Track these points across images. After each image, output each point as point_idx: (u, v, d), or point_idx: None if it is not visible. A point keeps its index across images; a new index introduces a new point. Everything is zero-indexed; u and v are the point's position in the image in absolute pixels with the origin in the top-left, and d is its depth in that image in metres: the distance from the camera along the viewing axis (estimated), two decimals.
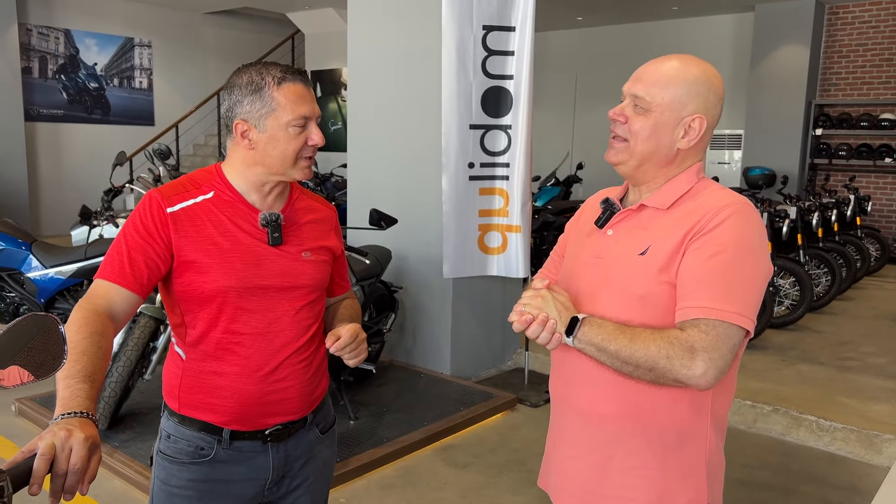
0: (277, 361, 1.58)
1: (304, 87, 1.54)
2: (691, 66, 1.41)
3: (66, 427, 1.14)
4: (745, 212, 1.36)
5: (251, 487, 1.62)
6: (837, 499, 3.33)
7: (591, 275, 1.47)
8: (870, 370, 4.95)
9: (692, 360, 1.27)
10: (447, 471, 3.50)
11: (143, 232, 1.51)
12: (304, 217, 1.67)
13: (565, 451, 1.53)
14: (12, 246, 4.67)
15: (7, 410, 4.07)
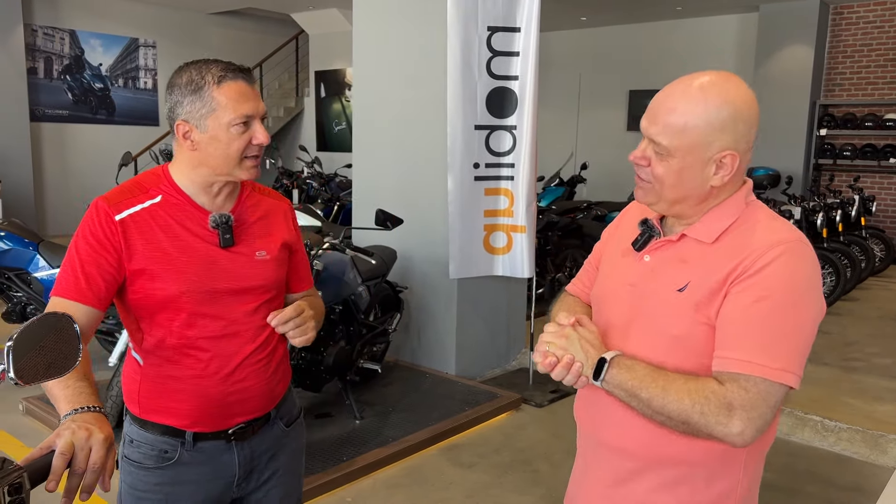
0: (236, 363, 1.57)
1: (245, 85, 1.50)
2: (712, 96, 1.23)
3: (86, 426, 1.15)
4: (797, 251, 1.22)
5: (219, 486, 1.62)
6: (842, 499, 3.33)
7: (623, 305, 1.37)
8: (875, 371, 4.95)
9: (729, 419, 1.17)
10: (453, 470, 3.51)
11: (93, 243, 1.48)
12: (255, 214, 1.64)
13: (588, 481, 1.47)
14: (19, 246, 4.69)
15: (14, 409, 4.09)
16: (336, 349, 3.73)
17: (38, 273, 4.68)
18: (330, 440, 3.60)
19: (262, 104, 1.54)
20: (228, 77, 1.48)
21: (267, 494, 1.70)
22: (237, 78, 1.49)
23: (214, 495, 1.62)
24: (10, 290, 4.79)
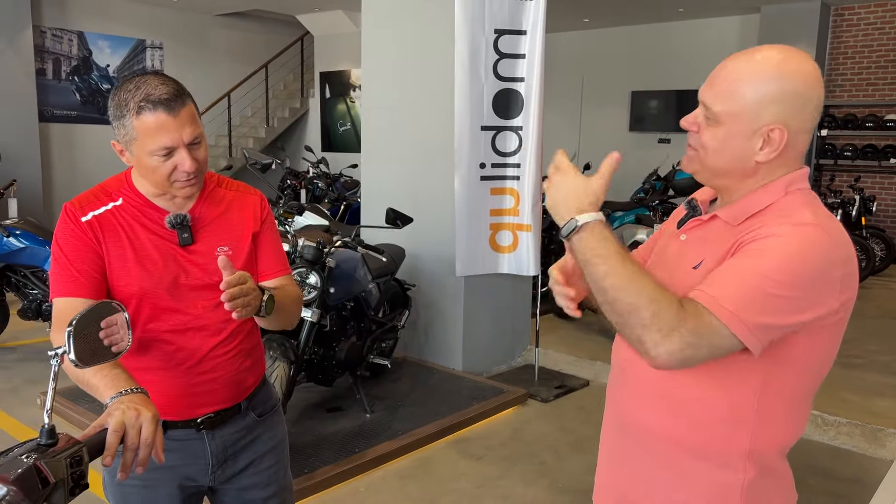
0: (201, 355, 1.62)
1: (165, 115, 1.46)
2: (769, 66, 1.20)
3: (134, 406, 1.24)
4: (810, 235, 1.16)
5: (194, 471, 1.68)
6: (842, 491, 3.42)
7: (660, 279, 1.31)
8: (874, 367, 5.03)
9: (666, 336, 1.13)
10: (462, 462, 3.60)
11: (74, 242, 1.55)
12: (217, 210, 1.67)
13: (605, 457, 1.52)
14: (35, 244, 4.79)
15: (33, 404, 4.19)
16: (347, 344, 3.82)
17: None
18: (342, 433, 3.70)
19: (189, 130, 1.50)
20: (147, 108, 1.46)
21: (246, 485, 1.75)
22: (157, 109, 1.46)
23: (191, 481, 1.69)
24: (26, 287, 4.90)
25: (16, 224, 4.84)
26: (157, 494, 1.65)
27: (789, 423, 1.33)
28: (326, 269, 3.62)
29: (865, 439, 3.89)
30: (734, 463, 1.30)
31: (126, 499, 1.66)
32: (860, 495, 3.29)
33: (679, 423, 1.32)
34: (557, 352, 5.19)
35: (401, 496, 3.27)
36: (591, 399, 4.50)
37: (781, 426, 1.31)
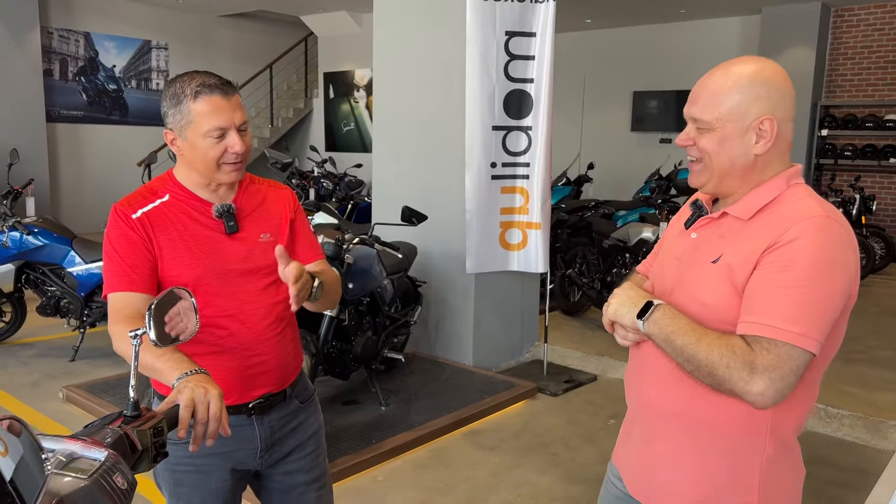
0: (251, 339, 1.71)
1: (221, 99, 1.61)
2: (741, 70, 1.37)
3: (201, 385, 1.34)
4: (825, 226, 1.30)
5: (244, 456, 1.76)
6: (845, 480, 3.52)
7: (669, 276, 1.50)
8: (876, 363, 5.14)
9: (751, 376, 1.26)
10: (476, 453, 3.71)
11: (126, 240, 1.64)
12: (254, 200, 1.78)
13: (629, 436, 1.63)
14: (54, 242, 4.89)
15: (54, 397, 4.29)
16: (364, 339, 3.92)
17: (73, 268, 4.87)
18: (359, 425, 3.80)
19: (240, 114, 1.64)
20: (204, 92, 1.60)
21: (291, 469, 1.83)
22: (213, 92, 1.60)
23: (241, 466, 1.77)
24: (45, 284, 4.99)
25: (35, 222, 4.93)
26: (210, 479, 1.74)
27: (804, 402, 1.44)
28: (345, 265, 3.72)
29: (868, 431, 4.00)
30: (754, 441, 1.40)
31: (179, 483, 1.74)
32: (863, 484, 3.39)
33: (702, 407, 1.41)
34: (565, 347, 5.29)
35: (418, 484, 3.37)
36: (599, 393, 4.60)
37: (797, 405, 1.42)
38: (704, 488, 1.43)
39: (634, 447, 1.60)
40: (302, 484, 1.86)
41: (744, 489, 1.41)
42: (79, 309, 4.90)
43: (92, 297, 4.92)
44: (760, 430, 1.39)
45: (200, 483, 1.74)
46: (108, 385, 4.32)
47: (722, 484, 1.42)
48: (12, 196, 5.12)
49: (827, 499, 3.32)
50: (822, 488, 3.42)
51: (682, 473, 1.46)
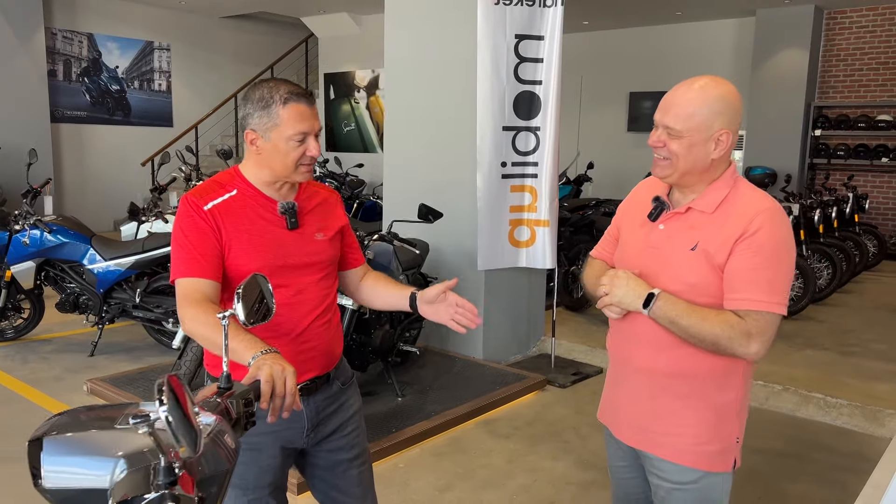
0: (304, 325, 1.86)
1: (306, 107, 1.78)
2: (710, 90, 1.68)
3: (278, 362, 1.47)
4: (776, 215, 1.68)
5: (292, 436, 1.89)
6: (845, 464, 3.69)
7: (648, 261, 1.79)
8: (871, 355, 5.32)
9: (749, 342, 1.63)
10: (491, 440, 3.85)
11: (197, 229, 1.77)
12: (312, 202, 1.94)
13: (624, 396, 1.90)
14: (74, 240, 5.00)
15: (78, 390, 4.41)
16: (382, 332, 4.06)
17: (93, 266, 4.98)
18: (378, 415, 3.94)
19: (318, 123, 1.82)
20: (293, 99, 1.76)
21: (334, 447, 1.97)
22: (300, 101, 1.77)
23: (289, 445, 1.90)
24: (64, 281, 5.10)
25: (54, 220, 5.04)
26: (263, 455, 1.87)
27: None
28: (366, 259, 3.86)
29: (865, 419, 4.16)
30: (732, 385, 1.78)
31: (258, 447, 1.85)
32: (863, 468, 3.55)
33: (691, 364, 1.74)
34: (570, 342, 5.44)
35: (438, 470, 3.51)
36: None
37: None
38: (699, 427, 1.78)
39: (628, 405, 1.88)
40: (344, 461, 1.99)
41: (727, 423, 1.79)
42: (98, 305, 5.02)
43: (110, 294, 5.03)
44: (736, 377, 1.78)
45: (253, 460, 1.86)
46: (131, 378, 4.44)
47: (712, 422, 1.78)
48: (31, 195, 5.23)
49: (830, 482, 3.49)
50: (825, 472, 3.59)
51: (681, 419, 1.79)
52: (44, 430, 1.07)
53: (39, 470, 1.04)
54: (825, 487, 3.43)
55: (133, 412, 1.09)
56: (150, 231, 5.47)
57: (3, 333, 5.34)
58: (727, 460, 1.80)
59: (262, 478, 1.88)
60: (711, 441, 1.78)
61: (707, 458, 1.78)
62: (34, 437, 1.07)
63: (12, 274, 5.08)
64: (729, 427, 1.79)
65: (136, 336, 5.54)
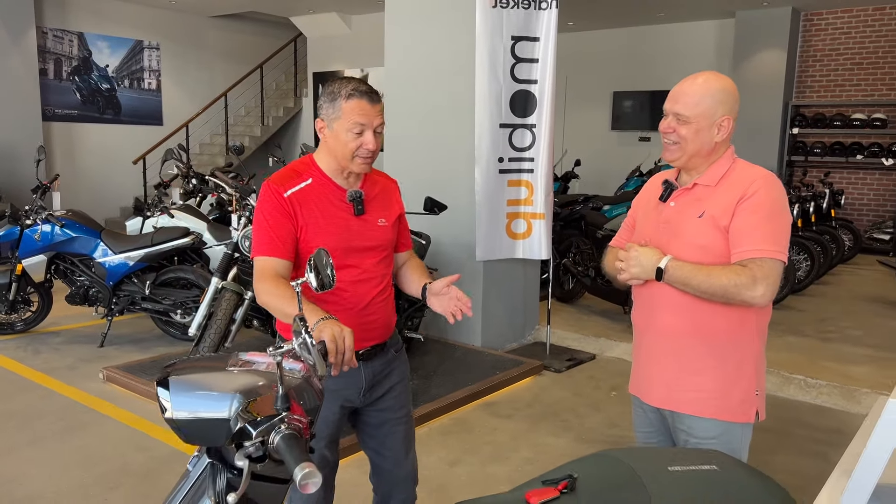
0: (367, 301, 2.09)
1: (367, 103, 1.97)
2: (713, 82, 1.95)
3: (338, 326, 1.68)
4: (771, 181, 1.94)
5: (351, 393, 2.14)
6: (825, 439, 3.95)
7: (662, 234, 2.02)
8: (849, 341, 5.61)
9: (755, 286, 1.83)
10: (494, 420, 4.07)
11: (276, 213, 2.00)
12: (375, 190, 2.16)
13: (650, 361, 2.11)
14: (85, 234, 5.14)
15: (94, 378, 4.56)
16: None
17: (102, 259, 5.13)
18: None
19: (378, 119, 2.00)
20: (355, 95, 1.97)
21: (384, 407, 2.21)
22: (362, 97, 1.98)
23: (348, 401, 2.14)
24: (74, 274, 5.25)
25: (65, 215, 5.18)
26: (326, 412, 2.10)
27: (768, 310, 2.04)
28: None
29: (843, 398, 4.44)
30: (748, 339, 1.99)
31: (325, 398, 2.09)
32: (841, 441, 3.82)
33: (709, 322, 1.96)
34: (564, 330, 5.68)
35: (446, 447, 3.72)
36: (599, 370, 5.00)
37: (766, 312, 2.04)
38: (720, 381, 1.99)
39: (654, 368, 2.09)
40: (392, 420, 2.22)
41: (746, 375, 2.00)
42: (107, 298, 5.17)
43: (119, 287, 5.18)
44: (750, 331, 1.99)
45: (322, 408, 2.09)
46: (144, 366, 4.60)
47: (732, 375, 1.99)
48: (41, 191, 5.36)
49: (810, 454, 3.74)
50: (806, 445, 3.85)
51: (704, 374, 2.00)
52: (167, 373, 1.27)
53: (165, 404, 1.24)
54: (806, 458, 3.69)
55: (241, 359, 1.30)
56: (156, 226, 5.61)
57: (12, 326, 5.46)
58: (748, 411, 2.01)
59: (322, 429, 2.11)
60: (732, 394, 1.98)
61: (729, 410, 1.99)
62: (161, 378, 1.27)
63: (23, 267, 5.21)
64: (747, 380, 1.99)
65: (143, 328, 5.69)
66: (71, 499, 3.14)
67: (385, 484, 2.29)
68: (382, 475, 2.28)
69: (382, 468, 2.27)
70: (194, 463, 1.30)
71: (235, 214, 4.77)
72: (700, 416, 2.00)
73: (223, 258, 4.54)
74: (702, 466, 1.43)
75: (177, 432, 1.25)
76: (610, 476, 1.44)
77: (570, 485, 1.43)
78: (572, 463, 1.53)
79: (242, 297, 4.33)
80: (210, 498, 1.22)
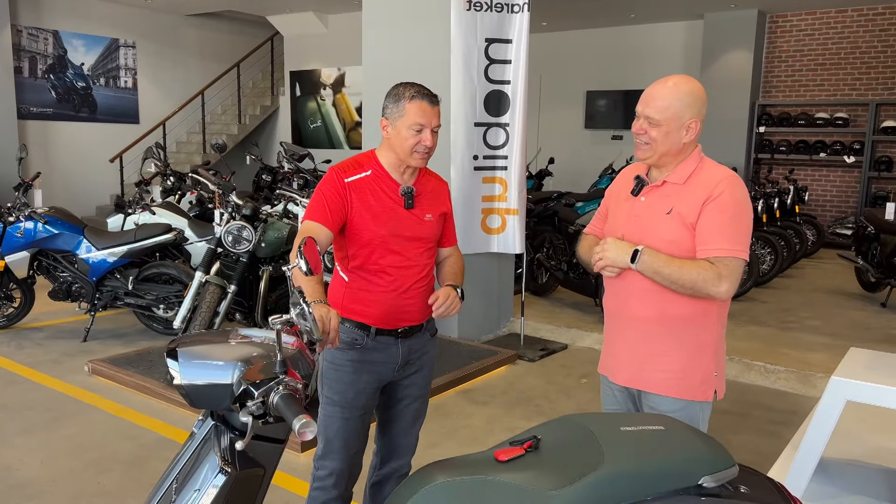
0: (408, 285, 2.31)
1: (428, 105, 2.21)
2: (682, 86, 2.08)
3: (325, 307, 1.86)
4: (735, 182, 2.09)
5: (386, 368, 2.35)
6: (781, 420, 4.19)
7: (632, 227, 2.17)
8: (807, 330, 5.88)
9: (720, 283, 2.00)
10: (470, 407, 4.25)
11: (334, 192, 2.23)
12: (426, 188, 2.38)
13: (620, 344, 2.27)
14: (68, 231, 5.23)
15: (80, 371, 4.66)
16: None
17: (85, 255, 5.23)
18: None
19: (436, 120, 2.24)
20: (417, 97, 2.22)
21: (412, 381, 2.43)
22: (423, 99, 2.22)
23: (384, 374, 2.34)
24: (56, 270, 5.33)
25: (48, 212, 5.27)
26: (361, 378, 2.31)
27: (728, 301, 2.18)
28: None
29: (800, 382, 4.69)
30: (709, 325, 2.16)
31: (341, 377, 2.30)
32: (796, 422, 4.05)
33: (675, 309, 2.12)
34: (537, 322, 5.88)
35: (425, 431, 3.84)
36: (571, 358, 5.20)
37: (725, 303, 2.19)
38: (682, 363, 2.16)
39: (623, 351, 2.27)
40: (411, 396, 2.45)
41: (706, 358, 2.18)
42: (90, 293, 5.26)
43: (102, 282, 5.28)
44: (712, 319, 2.17)
45: (353, 382, 2.31)
46: (129, 359, 4.71)
47: (693, 359, 2.16)
48: (24, 188, 5.43)
49: (768, 433, 3.98)
50: (763, 426, 4.08)
51: (667, 357, 2.17)
52: (175, 345, 1.43)
53: (174, 372, 1.40)
54: (764, 437, 3.92)
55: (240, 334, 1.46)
56: (137, 223, 5.71)
57: None
58: (707, 391, 2.18)
59: (358, 399, 2.31)
60: (693, 375, 2.15)
61: (690, 388, 2.16)
62: (170, 349, 1.43)
63: (6, 264, 5.29)
64: (707, 362, 2.16)
65: (125, 323, 5.79)
66: (64, 483, 3.26)
67: (387, 447, 2.50)
68: (386, 438, 2.50)
69: (389, 433, 2.49)
70: (199, 425, 1.46)
71: (218, 210, 4.89)
72: (664, 394, 2.17)
73: (206, 253, 4.67)
74: (650, 427, 1.62)
75: (185, 398, 1.41)
76: (570, 437, 1.62)
77: (534, 444, 1.61)
78: (537, 427, 1.71)
79: (226, 291, 4.46)
80: (217, 454, 1.38)
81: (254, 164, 10.21)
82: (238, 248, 4.62)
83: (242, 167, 11.45)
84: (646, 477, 1.47)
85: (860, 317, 6.35)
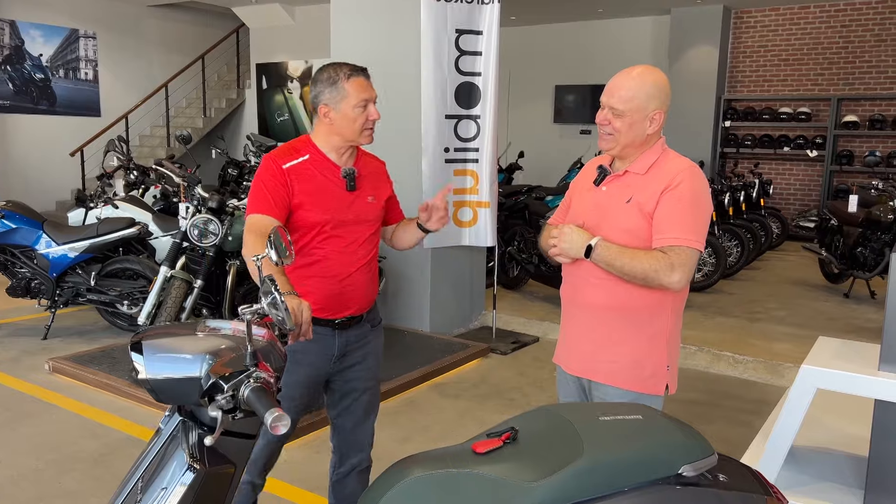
0: (350, 271, 2.25)
1: (364, 80, 2.19)
2: (647, 76, 2.06)
3: (297, 299, 1.80)
4: (694, 172, 2.08)
5: (322, 359, 2.28)
6: (751, 408, 4.23)
7: (592, 216, 2.15)
8: (774, 320, 5.96)
9: (672, 272, 1.98)
10: (442, 400, 4.22)
11: (273, 180, 2.16)
12: (366, 169, 2.33)
13: (573, 332, 2.26)
14: (26, 225, 5.07)
15: (40, 370, 4.52)
16: None
17: (44, 250, 5.07)
18: None
19: (374, 91, 2.22)
20: (354, 74, 2.17)
21: (354, 374, 2.35)
22: (360, 74, 2.18)
23: (319, 366, 2.27)
24: (15, 266, 5.17)
25: (5, 206, 5.10)
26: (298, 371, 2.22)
27: (685, 291, 2.17)
28: None
29: (768, 372, 4.75)
30: (663, 317, 2.13)
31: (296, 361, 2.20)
32: (765, 411, 4.10)
33: (628, 298, 2.10)
34: (509, 315, 5.87)
35: (397, 426, 3.85)
36: (542, 351, 5.20)
37: (682, 293, 2.18)
38: (634, 354, 2.13)
39: (575, 340, 2.25)
40: (358, 389, 2.37)
41: (658, 351, 2.14)
42: (50, 289, 5.11)
43: (63, 278, 5.13)
44: (665, 309, 2.13)
45: (288, 372, 2.20)
46: (92, 356, 4.58)
47: (644, 350, 2.13)
48: None
49: (738, 423, 4.01)
50: (733, 415, 4.12)
51: (619, 347, 2.14)
52: (140, 338, 1.37)
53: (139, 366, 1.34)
54: (734, 426, 3.96)
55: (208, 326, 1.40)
56: (100, 217, 5.56)
57: None
58: (659, 384, 2.15)
59: (294, 389, 2.24)
60: (644, 366, 2.12)
61: (641, 381, 2.14)
62: (134, 342, 1.36)
63: None
64: (659, 354, 2.13)
65: (87, 320, 5.64)
66: (25, 484, 3.16)
67: (344, 444, 2.44)
68: (341, 435, 2.43)
69: (342, 429, 2.42)
70: (166, 421, 1.40)
71: (183, 204, 4.78)
72: (613, 385, 2.14)
73: (171, 247, 4.56)
74: (628, 416, 1.60)
75: (150, 393, 1.35)
76: (548, 427, 1.60)
77: (512, 436, 1.58)
78: (515, 418, 1.68)
79: (192, 286, 4.36)
80: (184, 451, 1.32)
81: (220, 158, 10.02)
82: (204, 242, 4.52)
83: (208, 161, 11.25)
84: (625, 467, 1.45)
85: (824, 307, 6.46)
